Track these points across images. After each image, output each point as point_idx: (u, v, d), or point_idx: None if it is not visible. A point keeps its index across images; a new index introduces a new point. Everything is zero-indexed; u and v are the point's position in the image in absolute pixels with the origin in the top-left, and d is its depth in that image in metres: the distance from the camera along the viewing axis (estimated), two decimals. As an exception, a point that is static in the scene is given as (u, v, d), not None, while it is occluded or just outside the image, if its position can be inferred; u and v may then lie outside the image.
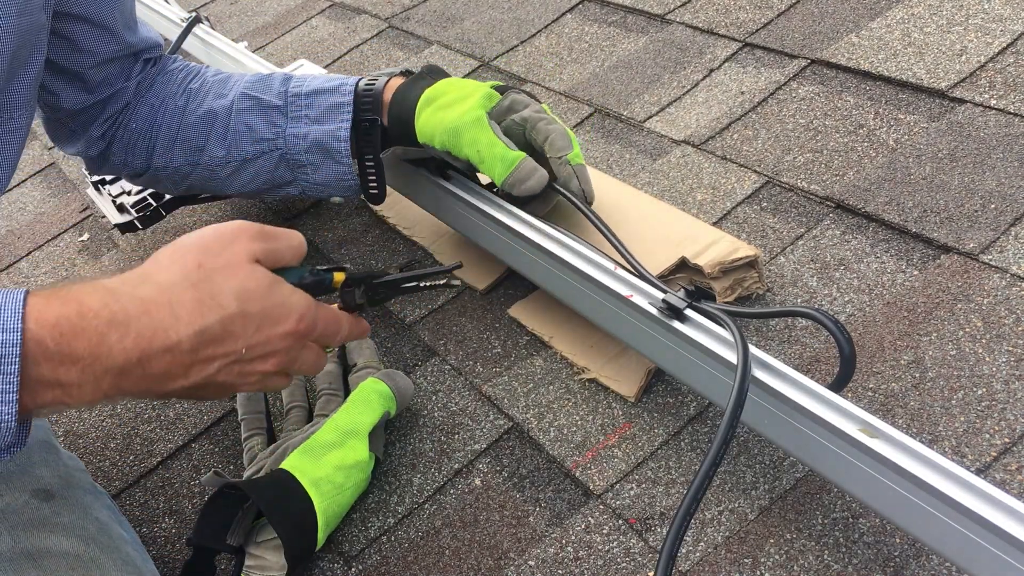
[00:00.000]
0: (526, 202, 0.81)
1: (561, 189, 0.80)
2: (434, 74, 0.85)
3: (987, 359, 0.67)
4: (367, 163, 0.87)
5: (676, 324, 0.65)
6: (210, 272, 0.55)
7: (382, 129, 0.86)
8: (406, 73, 0.87)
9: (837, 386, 0.60)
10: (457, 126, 0.77)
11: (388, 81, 0.85)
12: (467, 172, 0.87)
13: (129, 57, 0.89)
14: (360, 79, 0.86)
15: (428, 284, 0.68)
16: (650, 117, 1.05)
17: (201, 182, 0.93)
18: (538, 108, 0.82)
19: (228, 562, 0.71)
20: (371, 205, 0.99)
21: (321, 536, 0.69)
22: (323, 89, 0.86)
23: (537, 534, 0.68)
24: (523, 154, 0.77)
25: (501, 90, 0.82)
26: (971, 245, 0.75)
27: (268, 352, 0.59)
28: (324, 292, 0.64)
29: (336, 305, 0.66)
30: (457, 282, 0.69)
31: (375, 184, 0.89)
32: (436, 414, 0.80)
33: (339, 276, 0.65)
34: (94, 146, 0.91)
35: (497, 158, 0.76)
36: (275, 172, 0.89)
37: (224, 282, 0.55)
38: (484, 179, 0.89)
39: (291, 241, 0.62)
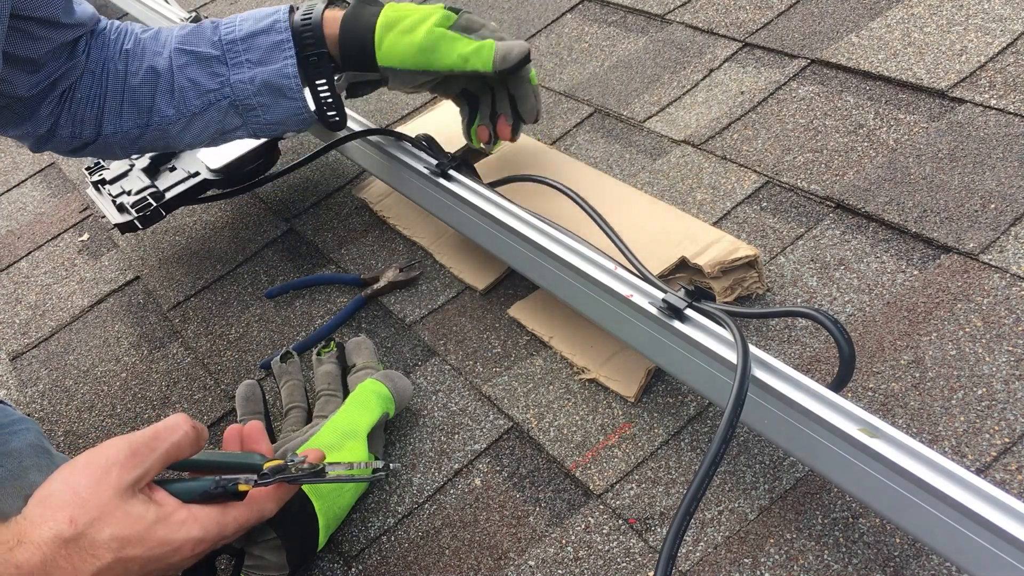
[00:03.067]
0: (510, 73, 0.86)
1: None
2: (371, 1, 0.88)
3: (987, 359, 0.67)
4: (321, 92, 0.89)
5: (676, 324, 0.65)
6: (83, 527, 0.53)
7: (329, 58, 0.88)
8: (334, 3, 0.89)
9: (836, 386, 0.60)
10: (430, 43, 0.84)
11: (324, 10, 0.87)
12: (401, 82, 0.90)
13: (79, 38, 0.88)
14: (287, 10, 0.88)
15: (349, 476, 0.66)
16: (650, 117, 1.05)
17: (152, 141, 0.93)
18: (493, 27, 0.87)
19: (228, 562, 0.71)
20: (333, 131, 0.97)
21: (322, 538, 0.69)
22: (257, 31, 0.87)
23: (537, 534, 0.68)
24: (492, 40, 0.85)
25: (453, 11, 0.87)
26: (971, 245, 0.75)
27: (170, 570, 0.58)
28: (234, 499, 0.62)
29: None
30: (382, 475, 0.68)
31: (334, 112, 0.91)
32: (436, 414, 0.80)
33: (244, 487, 0.61)
34: (42, 124, 0.90)
35: (481, 49, 0.84)
36: (225, 118, 0.90)
37: (97, 534, 0.54)
38: (449, 148, 0.93)
39: (171, 438, 0.59)
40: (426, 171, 0.91)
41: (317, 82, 0.89)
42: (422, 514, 0.73)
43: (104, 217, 1.19)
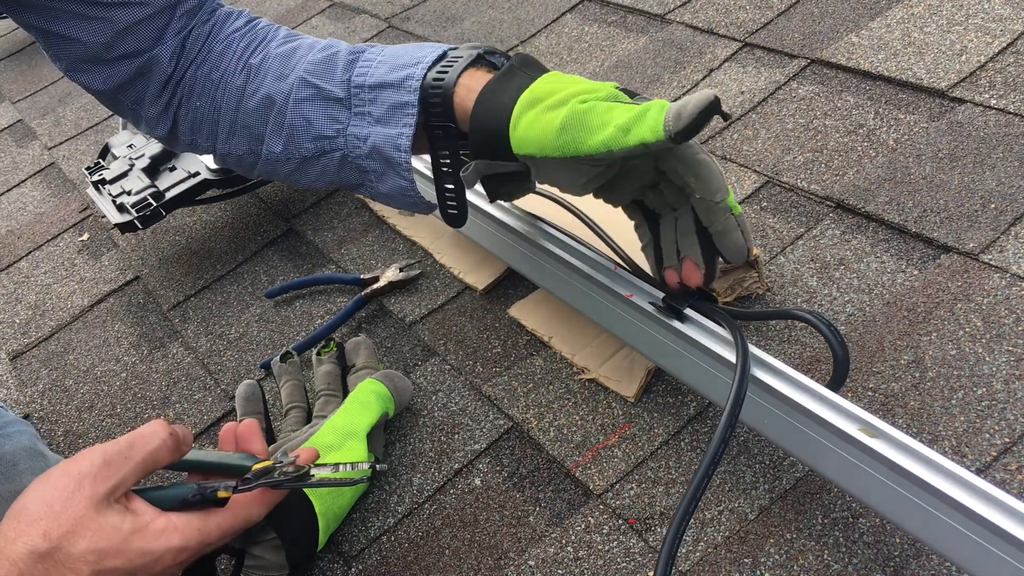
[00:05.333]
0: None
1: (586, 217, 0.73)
2: (529, 67, 0.66)
3: (987, 359, 0.67)
4: (443, 170, 0.71)
5: (676, 324, 0.65)
6: (57, 540, 0.52)
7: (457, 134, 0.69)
8: (485, 60, 0.69)
9: (831, 389, 0.60)
10: (574, 117, 0.59)
11: (462, 73, 0.67)
12: (561, 189, 0.67)
13: (164, 21, 0.77)
14: (430, 63, 0.70)
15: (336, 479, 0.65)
16: (650, 117, 1.05)
17: (268, 174, 0.82)
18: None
19: (228, 562, 0.71)
20: (451, 227, 0.77)
21: (322, 538, 0.69)
22: (387, 82, 0.71)
23: (537, 534, 0.68)
24: (662, 101, 0.57)
25: (628, 94, 0.62)
26: (971, 245, 0.75)
27: None
28: (215, 506, 0.60)
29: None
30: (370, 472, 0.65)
31: (453, 202, 0.72)
32: (436, 414, 0.80)
33: (224, 494, 0.60)
34: (160, 125, 0.83)
35: (647, 112, 0.56)
36: (340, 173, 0.76)
37: (72, 547, 0.52)
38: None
39: (148, 447, 0.57)
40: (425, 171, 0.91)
41: (441, 159, 0.70)
42: (422, 514, 0.73)
43: (104, 217, 1.19)
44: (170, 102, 0.81)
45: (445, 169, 0.71)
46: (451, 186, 0.71)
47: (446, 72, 0.68)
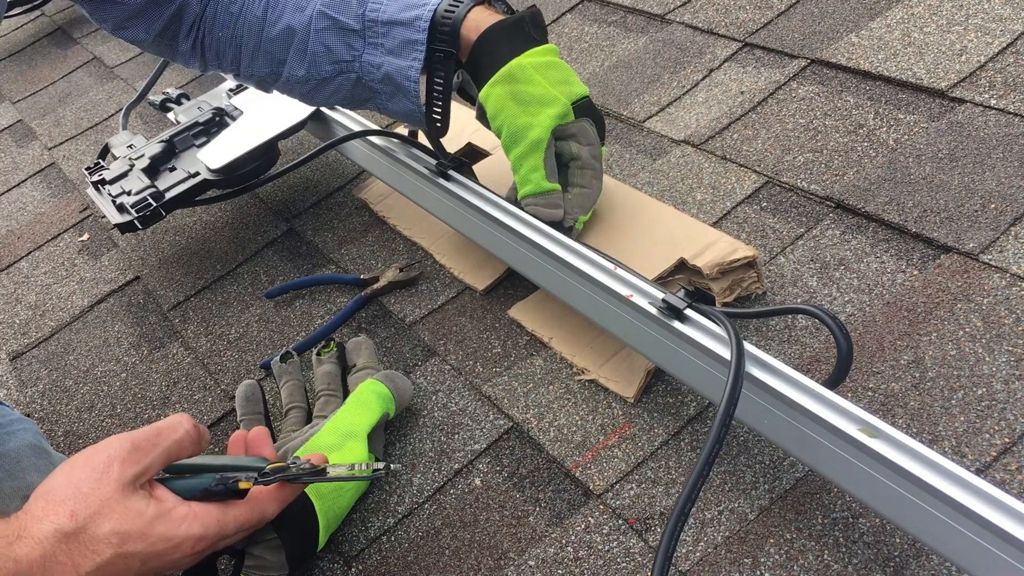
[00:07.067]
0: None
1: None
2: (536, 27, 0.81)
3: (987, 359, 0.67)
4: (436, 90, 0.85)
5: (676, 324, 0.65)
6: (83, 521, 0.53)
7: (455, 60, 0.83)
8: (491, 3, 0.84)
9: (834, 381, 0.60)
10: (519, 135, 0.80)
11: (469, 11, 0.81)
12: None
13: None
14: (438, 4, 0.82)
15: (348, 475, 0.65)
16: (650, 117, 1.05)
17: (285, 91, 0.95)
18: (596, 153, 0.82)
19: (228, 562, 0.71)
20: (429, 138, 0.92)
21: (322, 538, 0.69)
22: (398, 20, 0.83)
23: (537, 534, 0.68)
24: (556, 187, 0.81)
25: (580, 110, 0.80)
26: (971, 245, 0.75)
27: (170, 569, 0.57)
28: (235, 497, 0.61)
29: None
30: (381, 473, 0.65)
31: (440, 114, 0.86)
32: (436, 414, 0.80)
33: (245, 484, 0.61)
34: (192, 59, 0.97)
35: (531, 181, 0.80)
36: (353, 91, 0.89)
37: (97, 528, 0.54)
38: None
39: (173, 436, 0.59)
40: (426, 171, 0.91)
41: (435, 79, 0.84)
42: (422, 514, 0.73)
43: (104, 217, 1.19)
44: (197, 36, 0.94)
45: (438, 83, 0.84)
46: (439, 97, 0.84)
47: (455, 8, 0.81)
